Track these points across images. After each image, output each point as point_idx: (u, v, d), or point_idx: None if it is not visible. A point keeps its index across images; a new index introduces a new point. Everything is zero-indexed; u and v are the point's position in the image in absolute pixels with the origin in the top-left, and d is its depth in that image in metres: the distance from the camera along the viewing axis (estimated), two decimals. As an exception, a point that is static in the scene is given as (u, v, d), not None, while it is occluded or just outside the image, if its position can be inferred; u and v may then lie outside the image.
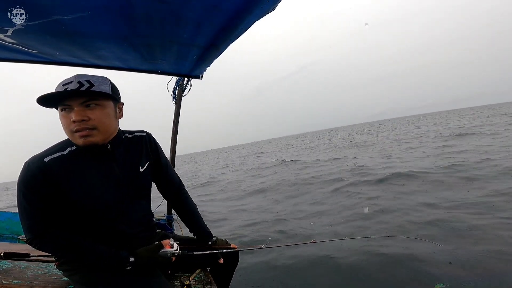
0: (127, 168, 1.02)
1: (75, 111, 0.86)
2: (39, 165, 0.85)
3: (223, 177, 10.60)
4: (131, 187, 1.02)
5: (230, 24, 0.94)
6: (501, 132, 9.78)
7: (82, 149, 0.93)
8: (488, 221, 2.68)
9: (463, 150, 7.18)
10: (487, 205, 3.12)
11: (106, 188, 0.95)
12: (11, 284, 1.07)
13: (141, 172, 1.06)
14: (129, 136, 1.08)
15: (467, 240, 2.37)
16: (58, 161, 0.88)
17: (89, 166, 0.93)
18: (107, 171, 0.97)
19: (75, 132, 0.87)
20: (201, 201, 6.15)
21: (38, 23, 0.85)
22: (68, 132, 0.90)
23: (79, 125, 0.86)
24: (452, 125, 17.65)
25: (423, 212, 3.19)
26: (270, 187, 6.60)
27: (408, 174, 5.19)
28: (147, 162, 1.09)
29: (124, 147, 1.04)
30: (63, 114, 0.88)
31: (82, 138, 0.88)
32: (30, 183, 0.85)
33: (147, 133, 1.14)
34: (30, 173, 0.85)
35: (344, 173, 6.57)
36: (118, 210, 0.98)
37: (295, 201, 4.93)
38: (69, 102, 0.86)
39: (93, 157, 0.95)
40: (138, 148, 1.08)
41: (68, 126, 0.87)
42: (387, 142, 13.72)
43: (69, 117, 0.86)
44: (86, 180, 0.92)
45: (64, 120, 0.88)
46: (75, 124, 0.86)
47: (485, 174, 4.48)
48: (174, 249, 1.03)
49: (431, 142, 10.39)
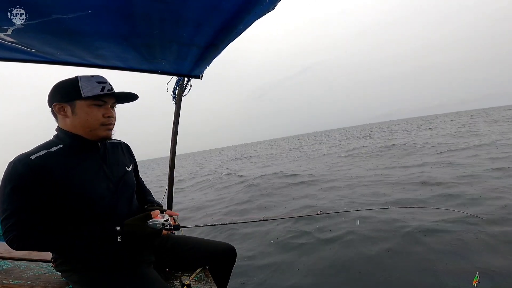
0: (114, 166, 1.08)
1: (110, 108, 1.01)
2: (26, 162, 0.86)
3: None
4: (119, 183, 1.05)
5: (230, 23, 0.94)
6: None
7: (72, 146, 0.98)
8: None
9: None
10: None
11: (93, 182, 0.98)
12: (11, 284, 1.07)
13: (128, 171, 1.14)
14: (109, 141, 1.14)
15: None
16: (45, 158, 0.90)
17: (77, 162, 0.97)
18: (97, 167, 1.01)
19: (105, 125, 1.00)
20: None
21: (38, 22, 0.85)
22: (96, 124, 0.98)
23: (110, 120, 1.01)
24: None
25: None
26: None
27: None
28: (131, 164, 1.19)
29: (111, 147, 1.13)
30: (95, 108, 0.97)
31: (109, 131, 1.02)
32: (15, 182, 0.84)
33: (124, 143, 1.26)
34: (15, 171, 0.85)
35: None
36: (109, 205, 1.00)
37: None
38: (107, 99, 0.99)
39: (82, 154, 0.99)
40: (123, 151, 1.20)
41: (99, 118, 0.98)
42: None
43: (100, 112, 0.98)
44: (74, 174, 0.93)
45: (96, 113, 0.97)
46: (109, 119, 1.00)
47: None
48: (164, 219, 1.00)
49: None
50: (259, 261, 2.62)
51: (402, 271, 2.09)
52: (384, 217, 3.17)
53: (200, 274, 1.19)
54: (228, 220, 1.31)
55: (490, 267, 1.96)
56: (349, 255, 2.47)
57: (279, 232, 3.25)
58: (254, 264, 2.58)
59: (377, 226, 2.97)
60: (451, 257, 2.19)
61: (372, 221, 3.12)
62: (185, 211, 5.52)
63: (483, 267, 1.97)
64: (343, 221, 3.26)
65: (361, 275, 2.14)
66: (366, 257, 2.38)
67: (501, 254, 2.13)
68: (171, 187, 2.11)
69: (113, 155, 1.11)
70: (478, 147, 7.78)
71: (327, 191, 5.19)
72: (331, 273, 2.23)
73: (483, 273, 1.88)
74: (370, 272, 2.16)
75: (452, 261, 2.13)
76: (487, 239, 2.37)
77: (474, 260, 2.10)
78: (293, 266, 2.45)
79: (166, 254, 1.19)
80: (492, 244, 2.30)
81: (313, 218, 3.44)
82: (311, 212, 3.62)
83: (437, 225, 2.77)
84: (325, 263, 2.40)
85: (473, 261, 2.09)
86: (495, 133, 10.81)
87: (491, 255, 2.14)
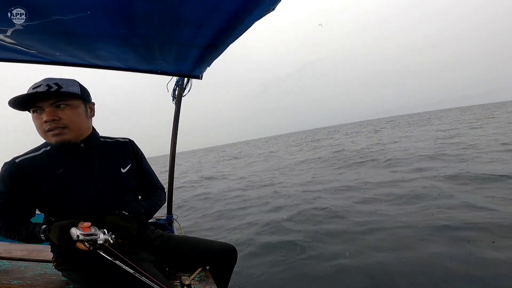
0: (104, 167, 1.06)
1: (46, 111, 0.92)
2: (9, 165, 0.95)
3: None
4: (108, 184, 1.05)
5: (230, 24, 0.94)
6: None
7: (56, 148, 0.99)
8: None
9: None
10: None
11: (80, 183, 0.99)
12: (11, 284, 1.07)
13: (123, 173, 1.11)
14: (109, 141, 1.15)
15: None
16: (29, 160, 0.96)
17: (62, 164, 0.99)
18: (81, 168, 1.01)
19: (47, 131, 0.93)
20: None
21: (38, 23, 0.85)
22: (42, 132, 0.95)
23: (50, 125, 0.92)
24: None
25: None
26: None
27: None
28: (129, 165, 1.14)
29: (103, 148, 1.11)
30: (35, 116, 0.94)
31: (55, 136, 0.94)
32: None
33: (130, 140, 1.22)
34: (1, 172, 0.95)
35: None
36: (94, 206, 1.00)
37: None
38: (40, 103, 0.92)
39: (67, 156, 1.01)
40: (119, 151, 1.15)
41: (41, 126, 0.93)
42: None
43: (41, 118, 0.92)
44: (59, 176, 0.97)
45: (36, 121, 0.94)
46: (47, 124, 0.92)
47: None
48: (78, 238, 0.85)
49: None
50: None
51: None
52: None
53: (200, 274, 1.19)
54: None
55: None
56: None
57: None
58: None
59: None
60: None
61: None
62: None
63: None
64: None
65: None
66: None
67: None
68: (171, 187, 2.11)
69: (105, 155, 1.09)
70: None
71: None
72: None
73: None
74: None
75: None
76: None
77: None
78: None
79: (166, 254, 1.19)
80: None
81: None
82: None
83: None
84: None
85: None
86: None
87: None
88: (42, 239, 0.91)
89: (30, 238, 0.94)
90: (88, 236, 0.86)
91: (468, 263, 2.00)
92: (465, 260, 2.04)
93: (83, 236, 0.85)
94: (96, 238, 0.87)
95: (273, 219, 3.71)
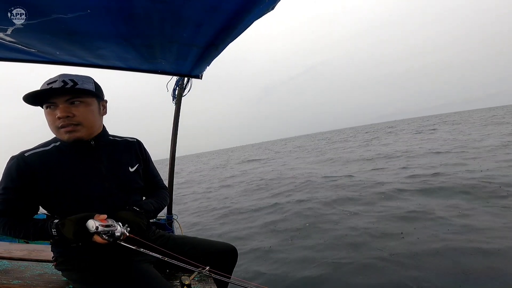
0: (113, 165, 1.05)
1: (60, 108, 0.91)
2: (18, 159, 0.92)
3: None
4: (116, 183, 1.04)
5: (230, 24, 0.94)
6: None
7: (66, 145, 0.98)
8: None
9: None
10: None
11: (88, 181, 0.98)
12: (11, 284, 1.07)
13: (130, 172, 1.10)
14: (118, 140, 1.16)
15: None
16: (38, 155, 0.94)
17: (71, 160, 0.98)
18: (90, 166, 1.00)
19: (60, 128, 0.92)
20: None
21: (38, 22, 0.84)
22: (54, 129, 0.94)
23: (64, 121, 0.91)
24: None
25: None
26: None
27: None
28: (136, 164, 1.14)
29: (111, 146, 1.10)
30: (48, 112, 0.93)
31: (68, 133, 0.92)
32: (6, 174, 0.92)
33: (138, 140, 1.22)
34: (9, 165, 0.93)
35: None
36: (101, 204, 0.99)
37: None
38: (54, 99, 0.91)
39: (77, 153, 0.99)
40: (127, 150, 1.14)
41: (54, 122, 0.92)
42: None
43: (54, 114, 0.91)
44: (67, 173, 0.95)
45: (49, 117, 0.93)
46: (61, 120, 0.91)
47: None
48: (97, 230, 0.83)
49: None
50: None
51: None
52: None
53: (200, 274, 1.19)
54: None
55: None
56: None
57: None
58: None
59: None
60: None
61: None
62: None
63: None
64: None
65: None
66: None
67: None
68: (171, 187, 2.10)
69: (114, 154, 1.09)
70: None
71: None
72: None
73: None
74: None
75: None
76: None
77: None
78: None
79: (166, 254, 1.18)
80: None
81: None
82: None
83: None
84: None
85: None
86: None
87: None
88: (53, 234, 0.87)
89: (39, 234, 0.90)
90: (107, 228, 0.86)
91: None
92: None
93: (102, 227, 0.84)
94: (114, 230, 0.86)
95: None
